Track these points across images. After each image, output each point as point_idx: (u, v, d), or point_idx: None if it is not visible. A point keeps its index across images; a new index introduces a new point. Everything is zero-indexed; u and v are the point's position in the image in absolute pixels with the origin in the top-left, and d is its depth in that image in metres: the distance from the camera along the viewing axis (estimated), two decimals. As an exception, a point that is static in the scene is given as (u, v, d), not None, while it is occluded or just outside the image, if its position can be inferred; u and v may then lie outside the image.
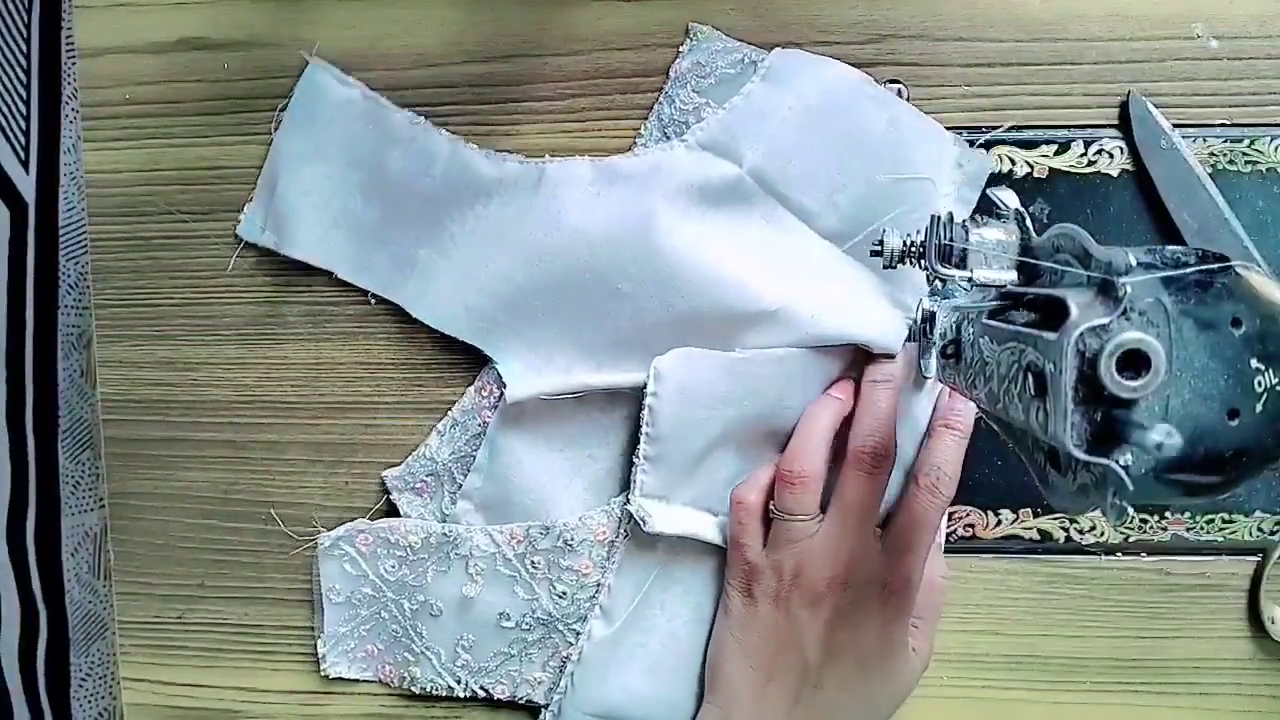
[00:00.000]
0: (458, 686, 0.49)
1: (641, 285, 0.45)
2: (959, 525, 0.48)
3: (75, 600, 0.62)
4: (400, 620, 0.49)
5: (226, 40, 0.48)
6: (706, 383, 0.45)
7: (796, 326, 0.45)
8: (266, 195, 0.48)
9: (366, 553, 0.49)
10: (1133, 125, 0.46)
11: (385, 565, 0.49)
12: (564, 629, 0.48)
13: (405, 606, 0.49)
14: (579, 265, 0.45)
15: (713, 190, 0.45)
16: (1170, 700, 0.49)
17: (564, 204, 0.46)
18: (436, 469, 0.49)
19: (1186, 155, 0.45)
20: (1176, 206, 0.45)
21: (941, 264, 0.36)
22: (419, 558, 0.49)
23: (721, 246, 0.45)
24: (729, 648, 0.46)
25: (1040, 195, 0.47)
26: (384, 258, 0.48)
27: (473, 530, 0.48)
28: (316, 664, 0.51)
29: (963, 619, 0.49)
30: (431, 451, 0.49)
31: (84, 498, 0.62)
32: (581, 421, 0.48)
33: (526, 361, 0.47)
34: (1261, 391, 0.27)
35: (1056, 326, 0.28)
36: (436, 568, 0.49)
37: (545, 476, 0.48)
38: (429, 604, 0.49)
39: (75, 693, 0.62)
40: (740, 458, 0.47)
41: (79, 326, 0.60)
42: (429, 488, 0.49)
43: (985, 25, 0.46)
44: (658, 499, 0.46)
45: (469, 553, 0.48)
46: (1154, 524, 0.48)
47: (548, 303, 0.46)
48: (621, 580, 0.48)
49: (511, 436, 0.48)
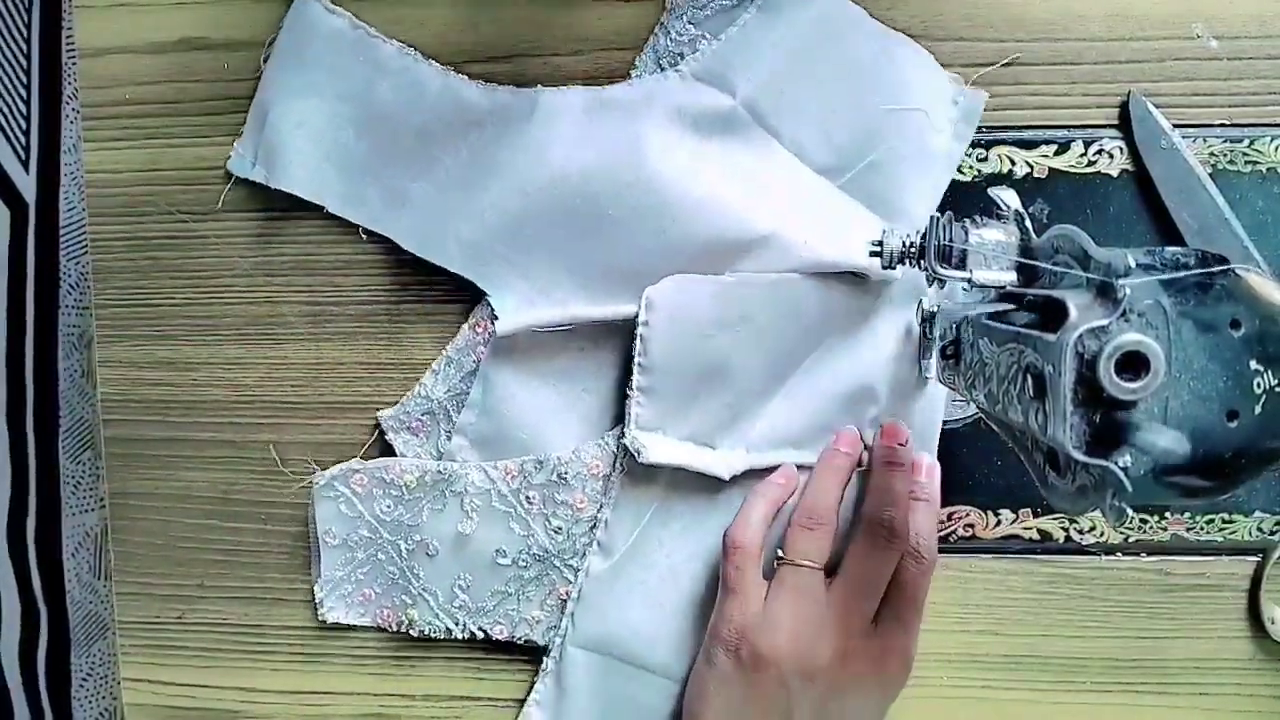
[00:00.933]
0: (456, 628, 0.49)
1: (634, 212, 0.44)
2: (959, 525, 0.48)
3: (76, 600, 0.62)
4: (397, 562, 0.49)
5: (226, 40, 0.48)
6: (698, 308, 0.45)
7: (790, 251, 0.44)
8: (256, 129, 0.48)
9: (362, 493, 0.49)
10: (1133, 125, 0.46)
11: (381, 505, 0.49)
12: (561, 565, 0.48)
13: (401, 547, 0.49)
14: (571, 194, 0.45)
15: (705, 120, 0.45)
16: (1170, 700, 0.49)
17: (557, 133, 0.45)
18: (432, 408, 0.49)
19: (1186, 155, 0.45)
20: (1176, 206, 0.45)
21: (941, 265, 0.36)
22: (414, 497, 0.48)
23: (714, 174, 0.45)
24: (709, 700, 0.44)
25: (1040, 195, 0.47)
26: (376, 191, 0.48)
27: (467, 467, 0.48)
28: (317, 664, 0.51)
29: (963, 619, 0.49)
30: (426, 390, 0.49)
31: (84, 498, 0.62)
32: (575, 356, 0.48)
33: (519, 294, 0.46)
34: (1260, 393, 0.27)
35: (1056, 328, 0.28)
36: (432, 506, 0.48)
37: (539, 412, 0.48)
38: (425, 543, 0.48)
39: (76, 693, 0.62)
40: (735, 391, 0.46)
41: (79, 326, 0.60)
42: (424, 427, 0.49)
43: (985, 25, 0.46)
44: (653, 431, 0.46)
45: (464, 490, 0.48)
46: (1154, 524, 0.48)
47: (541, 233, 0.46)
48: (619, 515, 0.47)
49: (505, 371, 0.47)
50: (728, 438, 0.47)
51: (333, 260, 0.49)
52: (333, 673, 0.51)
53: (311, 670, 0.51)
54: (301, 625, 0.51)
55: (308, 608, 0.51)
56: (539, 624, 0.49)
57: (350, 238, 0.49)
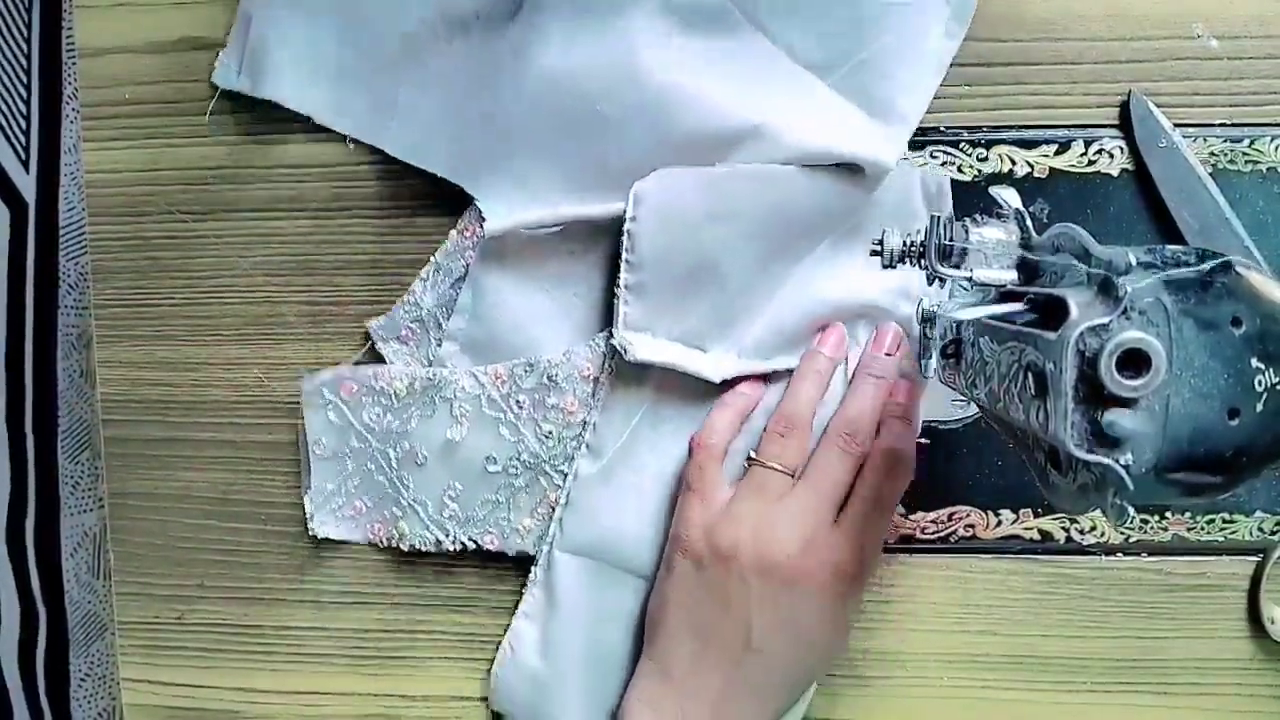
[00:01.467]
0: (446, 539, 0.48)
1: (624, 108, 0.44)
2: (959, 525, 0.48)
3: (75, 600, 0.62)
4: (386, 472, 0.48)
5: (226, 40, 0.48)
6: (686, 201, 0.44)
7: (780, 143, 0.44)
8: (241, 39, 0.47)
9: (350, 401, 0.48)
10: (1133, 125, 0.46)
11: (370, 414, 0.48)
12: (551, 472, 0.48)
13: (391, 456, 0.48)
14: (561, 92, 0.44)
15: (694, 16, 0.44)
16: (1170, 700, 0.49)
17: (544, 32, 0.44)
18: (421, 315, 0.48)
19: (1187, 155, 0.45)
20: (1177, 206, 0.45)
21: (941, 263, 0.36)
22: (404, 404, 0.48)
23: (702, 69, 0.44)
24: (669, 607, 0.44)
25: (1040, 195, 0.47)
26: (363, 100, 0.47)
27: (457, 373, 0.47)
28: (317, 664, 0.51)
29: (962, 619, 0.49)
30: (415, 298, 0.48)
31: (83, 498, 0.62)
32: (565, 259, 0.47)
33: (509, 198, 0.46)
34: (1262, 391, 0.27)
35: (1057, 326, 0.28)
36: (421, 413, 0.48)
37: (530, 317, 0.47)
38: (414, 451, 0.48)
39: (75, 693, 0.62)
40: (726, 291, 0.45)
41: (79, 327, 0.60)
42: (414, 335, 0.48)
43: (986, 25, 0.46)
44: (641, 331, 0.45)
45: (453, 395, 0.47)
46: (1154, 524, 0.48)
47: (530, 134, 0.45)
48: (608, 417, 0.47)
49: (494, 276, 0.47)
50: (719, 341, 0.46)
51: (333, 260, 0.49)
52: (333, 673, 0.51)
53: (311, 670, 0.51)
54: (301, 625, 0.51)
55: (308, 608, 0.51)
56: (530, 533, 0.48)
57: (351, 237, 0.49)
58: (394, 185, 0.48)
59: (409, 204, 0.48)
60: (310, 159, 0.49)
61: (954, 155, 0.47)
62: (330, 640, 0.51)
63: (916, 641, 0.49)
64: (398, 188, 0.48)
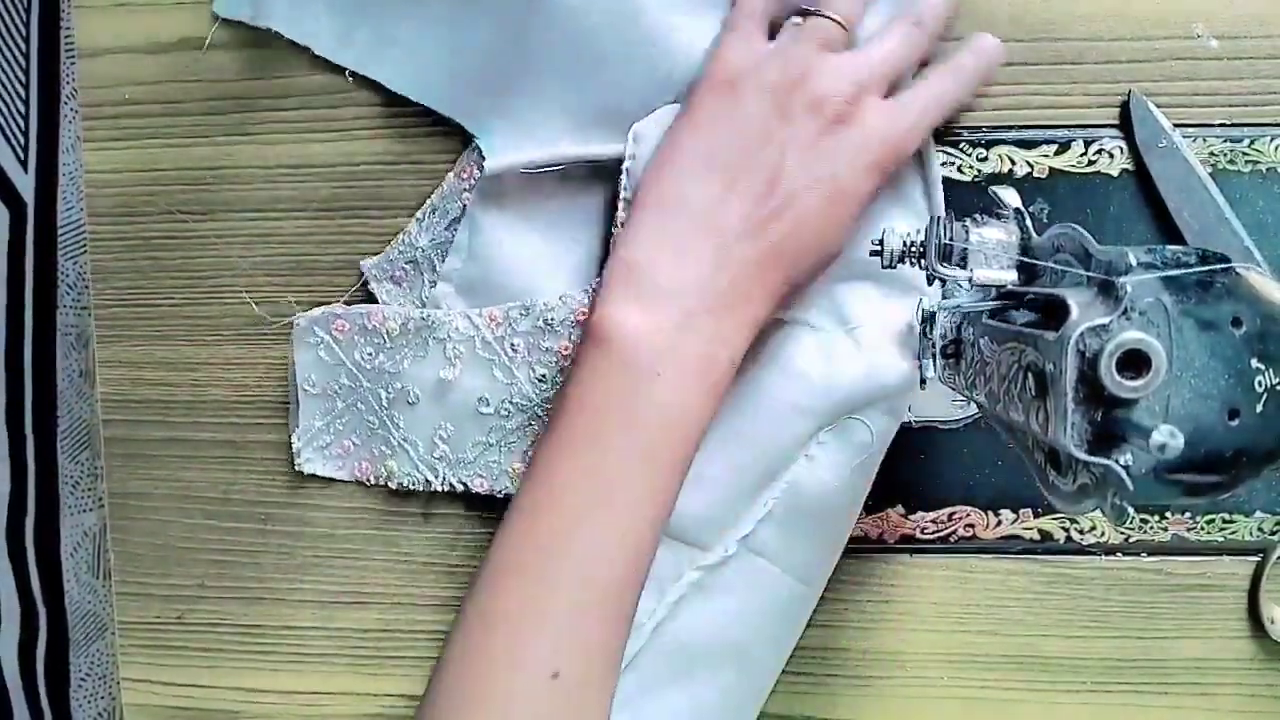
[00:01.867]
0: (435, 480, 0.48)
1: (625, 47, 0.43)
2: (959, 525, 0.48)
3: (75, 600, 0.62)
4: (377, 411, 0.48)
5: (226, 40, 0.48)
6: None
7: None
8: None
9: (343, 340, 0.48)
10: (1134, 125, 0.46)
11: (362, 353, 0.48)
12: (544, 415, 0.47)
13: (382, 396, 0.48)
14: (562, 30, 0.43)
15: None
16: (1170, 700, 0.49)
17: None
18: (416, 256, 0.48)
19: (1187, 155, 0.45)
20: (1177, 206, 0.45)
21: (941, 264, 0.36)
22: (396, 344, 0.47)
23: (704, 9, 0.44)
24: (684, 149, 0.40)
25: (1040, 195, 0.47)
26: (364, 32, 0.46)
27: (451, 314, 0.47)
28: (317, 664, 0.51)
29: (962, 619, 0.49)
30: (410, 239, 0.48)
31: (83, 498, 0.62)
32: (564, 202, 0.46)
33: (508, 137, 0.45)
34: (1262, 391, 0.27)
35: (1057, 326, 0.28)
36: (414, 354, 0.47)
37: (527, 259, 0.47)
38: (406, 391, 0.47)
39: (75, 693, 0.62)
40: None
41: (78, 326, 0.60)
42: (408, 276, 0.48)
43: (986, 25, 0.46)
44: None
45: (447, 336, 0.47)
46: (1154, 524, 0.48)
47: (531, 71, 0.45)
48: None
49: (492, 214, 0.46)
50: None
51: (333, 260, 0.49)
52: (333, 673, 0.51)
53: (311, 670, 0.51)
54: (301, 625, 0.51)
55: (308, 608, 0.51)
56: (520, 477, 0.47)
57: (350, 237, 0.49)
58: (394, 185, 0.48)
59: (409, 204, 0.48)
60: (310, 159, 0.49)
61: (954, 155, 0.47)
62: (330, 640, 0.51)
63: (916, 641, 0.49)
64: (398, 188, 0.48)
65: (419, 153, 0.48)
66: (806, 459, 0.45)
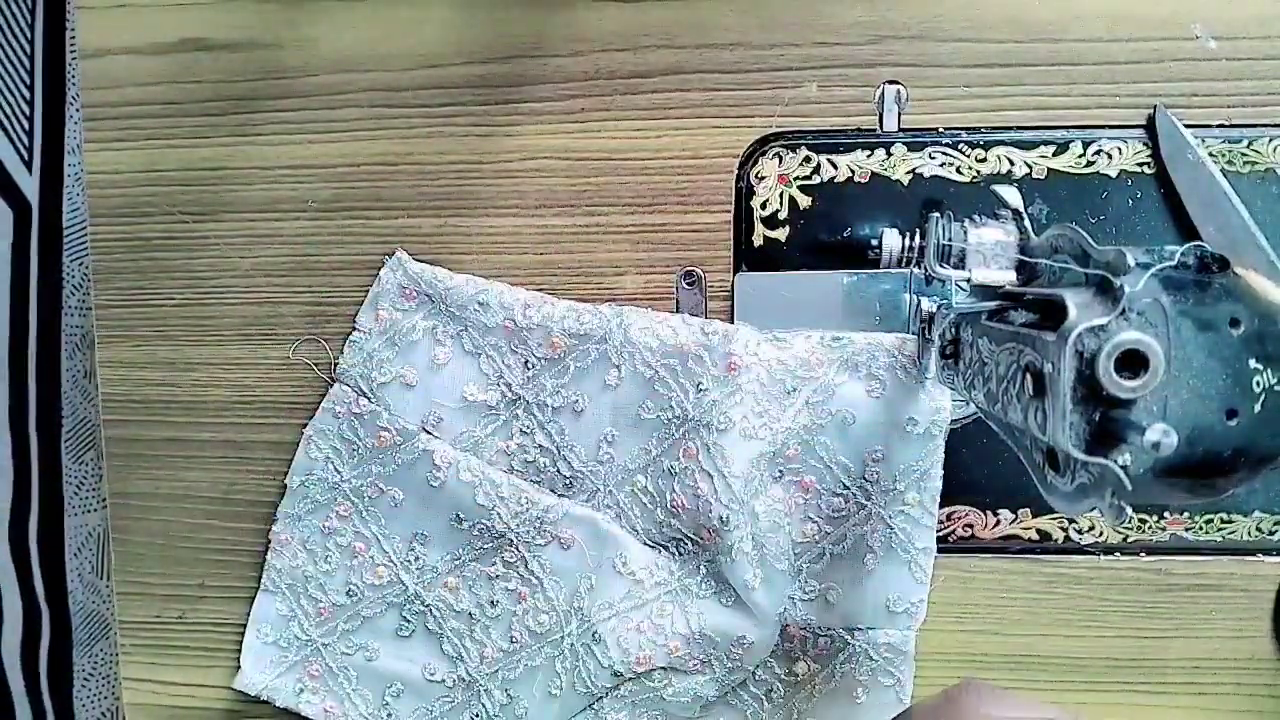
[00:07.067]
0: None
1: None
2: (959, 525, 0.48)
3: (78, 600, 0.62)
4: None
5: (227, 41, 0.48)
6: None
7: None
8: None
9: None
10: (1159, 139, 0.45)
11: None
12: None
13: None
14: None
15: None
16: (1170, 700, 0.49)
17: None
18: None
19: (1212, 169, 0.45)
20: (1202, 220, 0.45)
21: (940, 264, 0.36)
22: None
23: None
24: None
25: (1039, 195, 0.47)
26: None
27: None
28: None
29: (962, 619, 0.49)
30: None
31: (87, 498, 0.62)
32: None
33: None
34: (1260, 391, 0.27)
35: (1055, 327, 0.28)
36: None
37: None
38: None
39: (78, 692, 0.62)
40: None
41: (83, 327, 0.60)
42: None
43: (985, 26, 0.46)
44: None
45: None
46: (1153, 524, 0.48)
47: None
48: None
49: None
50: None
51: (333, 260, 0.49)
52: (334, 672, 0.51)
53: (312, 670, 0.51)
54: (302, 625, 0.51)
55: (309, 607, 0.51)
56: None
57: (350, 237, 0.49)
58: (394, 185, 0.48)
59: (409, 204, 0.49)
60: (310, 159, 0.49)
61: (953, 156, 0.47)
62: (331, 640, 0.51)
63: (917, 641, 0.49)
64: (398, 188, 0.48)
65: (419, 153, 0.48)
66: None
